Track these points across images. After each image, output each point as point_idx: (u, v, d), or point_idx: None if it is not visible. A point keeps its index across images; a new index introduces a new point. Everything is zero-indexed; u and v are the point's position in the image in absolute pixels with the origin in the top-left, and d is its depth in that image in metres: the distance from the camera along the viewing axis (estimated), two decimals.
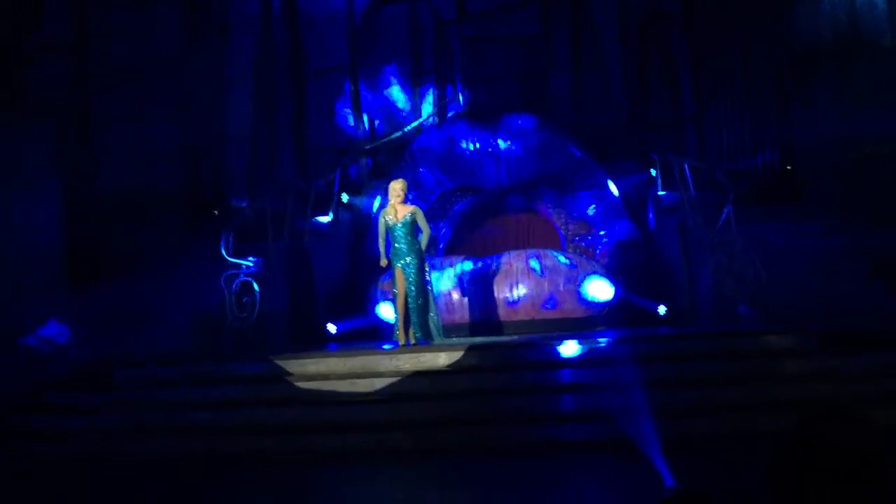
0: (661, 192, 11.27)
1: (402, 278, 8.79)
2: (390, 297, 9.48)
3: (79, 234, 10.80)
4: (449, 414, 7.17)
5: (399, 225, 8.80)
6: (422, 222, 8.89)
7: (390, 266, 8.96)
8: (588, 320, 10.41)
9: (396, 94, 13.67)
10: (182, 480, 6.42)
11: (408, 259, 8.76)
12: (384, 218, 8.94)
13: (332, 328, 10.82)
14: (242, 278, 9.63)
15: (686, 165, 10.36)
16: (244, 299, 9.67)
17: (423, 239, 8.92)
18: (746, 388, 7.08)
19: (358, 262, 11.94)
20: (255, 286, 9.57)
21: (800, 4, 11.07)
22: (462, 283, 10.36)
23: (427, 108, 13.52)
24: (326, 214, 11.72)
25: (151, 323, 9.90)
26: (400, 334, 8.80)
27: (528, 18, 13.56)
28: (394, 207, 8.90)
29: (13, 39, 11.55)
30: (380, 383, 7.59)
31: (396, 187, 8.95)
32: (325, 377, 7.84)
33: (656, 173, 11.42)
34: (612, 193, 11.78)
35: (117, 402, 8.15)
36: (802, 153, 11.34)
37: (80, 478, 6.69)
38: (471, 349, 7.93)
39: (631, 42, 13.26)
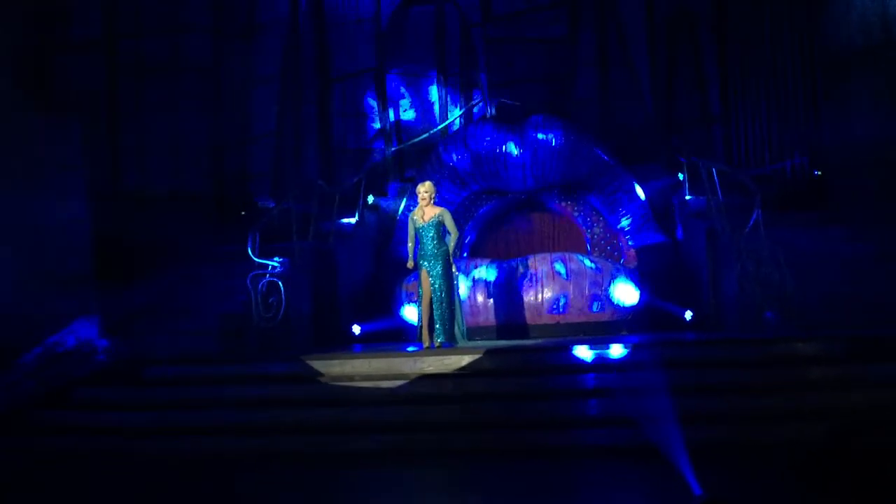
0: (687, 197, 11.21)
1: (428, 280, 8.81)
2: (415, 298, 9.51)
3: (106, 231, 10.90)
4: (472, 417, 7.16)
5: (426, 226, 8.83)
6: (449, 224, 8.90)
7: (417, 268, 8.99)
8: (613, 324, 10.38)
9: (422, 96, 13.70)
10: (206, 479, 6.47)
11: (434, 261, 8.78)
12: (412, 219, 8.99)
13: (356, 329, 10.87)
14: (268, 278, 9.69)
15: (714, 169, 10.29)
16: (270, 299, 9.73)
17: (451, 241, 8.93)
18: (772, 395, 7.00)
19: (383, 264, 11.98)
20: (281, 286, 9.63)
21: (832, 5, 10.96)
22: (487, 286, 10.35)
23: (453, 110, 13.54)
24: (352, 216, 11.78)
25: (178, 321, 10.00)
26: (424, 336, 8.82)
27: (554, 20, 13.53)
28: (422, 209, 8.94)
29: (42, 36, 11.68)
30: (404, 385, 7.61)
31: (423, 190, 8.98)
32: (349, 378, 7.87)
33: (683, 177, 11.36)
34: (638, 197, 11.72)
35: (145, 399, 8.23)
36: (832, 157, 11.24)
37: (106, 474, 6.75)
38: (495, 352, 7.93)
39: (658, 43, 13.19)
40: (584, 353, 7.77)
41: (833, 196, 10.90)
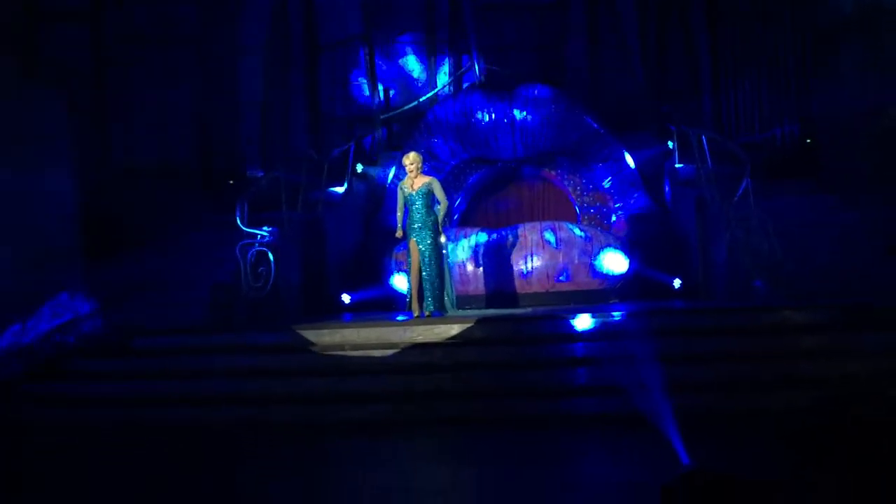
0: (677, 165, 11.20)
1: (417, 249, 8.79)
2: (404, 268, 9.49)
3: (94, 203, 10.81)
4: (463, 386, 7.18)
5: (415, 195, 8.78)
6: (439, 193, 8.86)
7: (405, 237, 8.97)
8: (602, 293, 10.41)
9: (411, 64, 13.58)
10: (196, 449, 6.48)
11: (423, 231, 8.75)
12: (402, 188, 8.93)
13: (346, 298, 10.87)
14: (257, 248, 9.65)
15: (703, 137, 10.27)
16: (259, 269, 9.69)
17: (440, 210, 8.90)
18: (761, 364, 7.04)
19: (372, 233, 11.96)
20: (270, 256, 9.60)
21: None
22: (476, 254, 10.35)
23: (442, 78, 13.44)
24: (341, 185, 11.73)
25: (168, 292, 9.97)
26: (414, 306, 8.82)
27: None
28: (411, 179, 8.88)
29: (27, 5, 11.51)
30: (394, 354, 7.62)
31: (408, 162, 8.91)
32: (339, 347, 7.87)
33: (673, 145, 11.34)
34: (628, 165, 11.70)
35: (135, 370, 8.23)
36: (822, 126, 11.22)
37: (96, 445, 6.76)
38: (484, 321, 7.94)
39: (649, 12, 13.11)
40: (573, 321, 7.79)
41: (823, 165, 10.90)
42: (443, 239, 9.07)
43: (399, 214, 9.06)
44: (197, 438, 6.77)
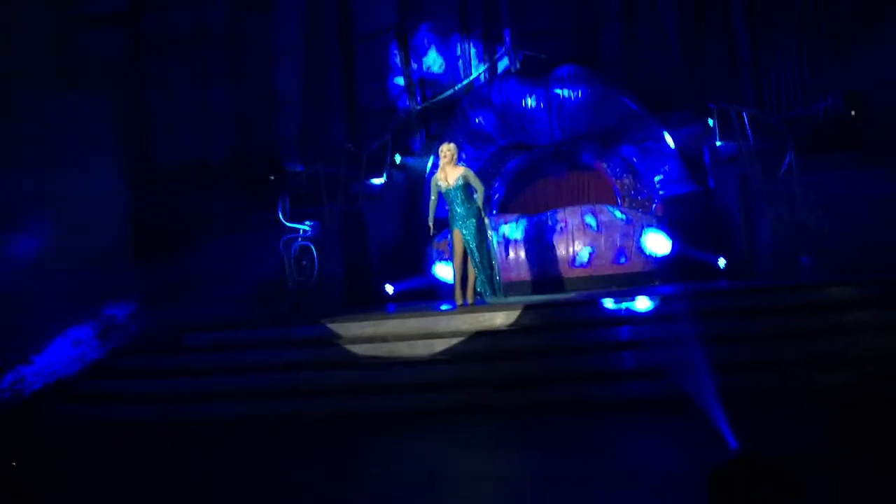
0: (718, 143, 11.06)
1: (460, 239, 8.79)
2: (446, 256, 9.54)
3: (140, 204, 11.01)
4: (508, 374, 7.22)
5: (453, 189, 8.76)
6: (474, 182, 8.85)
7: (448, 228, 8.97)
8: (646, 275, 10.36)
9: (446, 52, 13.57)
10: (248, 443, 6.61)
11: (466, 220, 8.72)
12: (436, 183, 8.91)
13: (389, 289, 10.95)
14: (300, 242, 9.78)
15: (745, 114, 10.13)
16: (303, 263, 9.83)
17: (479, 197, 8.87)
18: (809, 342, 6.97)
19: (412, 223, 12.01)
20: (313, 249, 9.71)
21: None
22: (517, 241, 10.35)
23: (477, 65, 13.41)
24: (380, 176, 11.80)
25: (214, 289, 10.13)
26: (457, 294, 8.86)
27: None
28: (444, 171, 8.85)
29: (67, 9, 11.71)
30: (439, 344, 7.67)
31: (445, 149, 8.90)
32: (383, 339, 7.95)
33: (713, 123, 11.19)
34: (667, 145, 11.60)
35: (186, 366, 8.40)
36: (865, 98, 10.99)
37: (149, 441, 6.93)
38: (528, 308, 7.96)
39: None
40: (616, 305, 7.78)
41: (866, 138, 10.68)
42: (487, 222, 9.03)
43: (431, 207, 9.01)
44: (246, 433, 6.90)
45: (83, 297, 9.70)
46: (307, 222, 9.84)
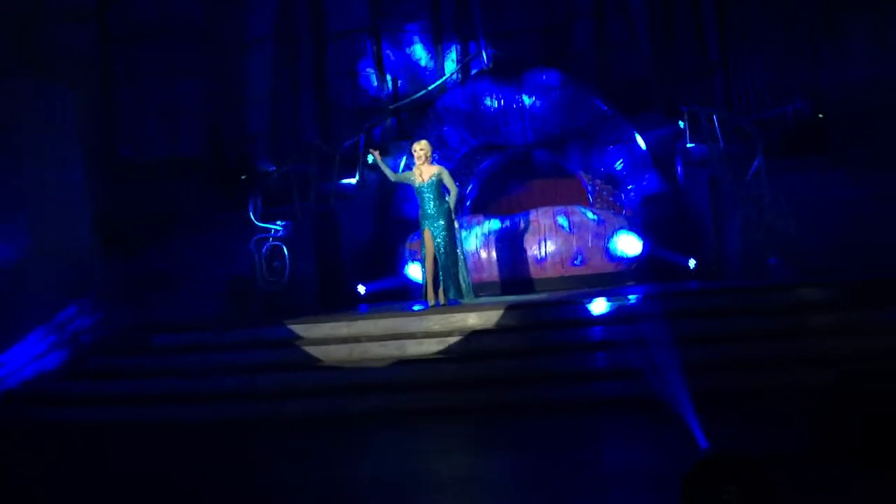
0: (689, 145, 11.14)
1: (431, 239, 8.80)
2: (418, 257, 9.52)
3: (108, 199, 10.88)
4: (479, 374, 7.23)
5: (426, 186, 8.78)
6: (448, 182, 8.87)
7: (419, 229, 8.98)
8: (617, 276, 10.41)
9: (419, 52, 13.55)
10: (217, 445, 6.56)
11: (436, 220, 8.75)
12: (409, 177, 8.93)
13: (361, 289, 10.91)
14: (271, 242, 9.71)
15: (714, 116, 10.21)
16: (274, 263, 9.77)
17: (451, 198, 8.89)
18: (778, 342, 7.06)
19: (385, 223, 11.97)
20: (285, 250, 9.65)
21: None
22: (489, 241, 10.36)
23: (450, 65, 13.40)
24: (352, 176, 11.74)
25: (184, 288, 10.06)
26: (429, 294, 8.85)
27: None
28: (419, 168, 8.87)
29: (32, 4, 11.54)
30: (411, 345, 7.67)
31: (419, 147, 8.91)
32: (356, 339, 7.93)
33: (684, 125, 11.27)
34: (639, 147, 11.66)
35: (156, 367, 8.32)
36: (833, 100, 11.13)
37: (118, 443, 6.84)
38: (500, 308, 7.96)
39: None
40: (589, 306, 7.82)
41: (834, 140, 10.82)
42: (456, 226, 9.08)
43: (388, 172, 8.99)
44: (216, 434, 6.85)
45: (48, 295, 9.57)
46: (279, 222, 9.78)
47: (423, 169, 8.83)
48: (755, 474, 3.32)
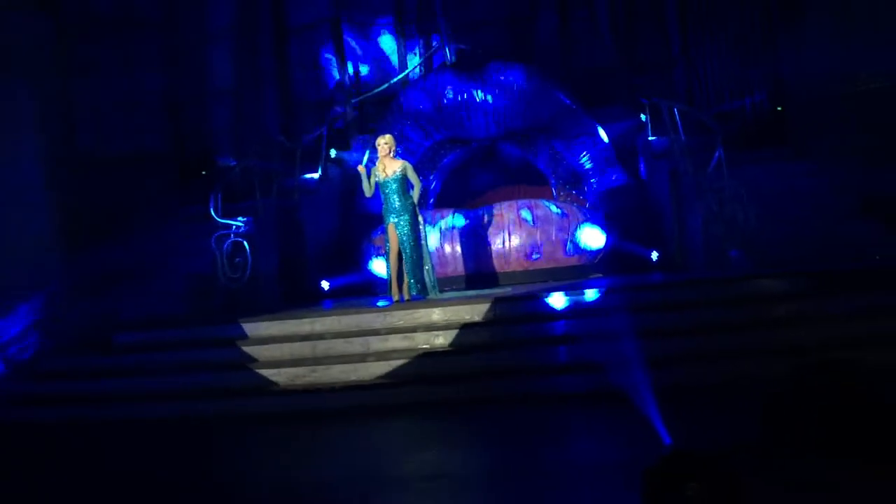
0: (651, 138, 11.21)
1: (395, 234, 8.77)
2: (382, 252, 9.48)
3: (66, 194, 10.68)
4: (444, 369, 7.22)
5: (390, 180, 8.75)
6: (412, 176, 8.84)
7: (383, 224, 8.93)
8: (581, 268, 10.46)
9: (382, 45, 13.46)
10: (179, 444, 6.48)
11: (400, 214, 8.73)
12: (374, 174, 8.90)
13: (325, 285, 10.84)
14: (233, 238, 9.60)
15: (675, 109, 10.28)
16: (236, 259, 9.65)
17: (415, 193, 8.88)
18: (740, 334, 7.13)
19: (349, 218, 11.91)
20: (246, 246, 9.55)
21: None
22: (453, 235, 10.34)
23: (413, 59, 13.35)
24: (315, 171, 11.66)
25: (144, 285, 9.92)
26: (394, 290, 8.82)
27: None
28: (382, 163, 8.84)
29: None
30: (375, 341, 7.64)
31: (382, 142, 8.87)
32: (320, 336, 7.88)
33: (646, 118, 11.34)
34: (602, 140, 11.71)
35: (115, 366, 8.20)
36: (791, 93, 11.28)
37: (80, 442, 6.74)
38: (464, 303, 7.96)
39: None
40: (552, 300, 7.83)
41: (793, 132, 10.97)
42: (420, 220, 9.06)
43: (365, 182, 8.90)
44: (178, 433, 6.77)
45: (5, 292, 9.39)
46: (240, 218, 9.67)
47: (387, 163, 8.80)
48: (718, 470, 3.34)
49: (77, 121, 11.76)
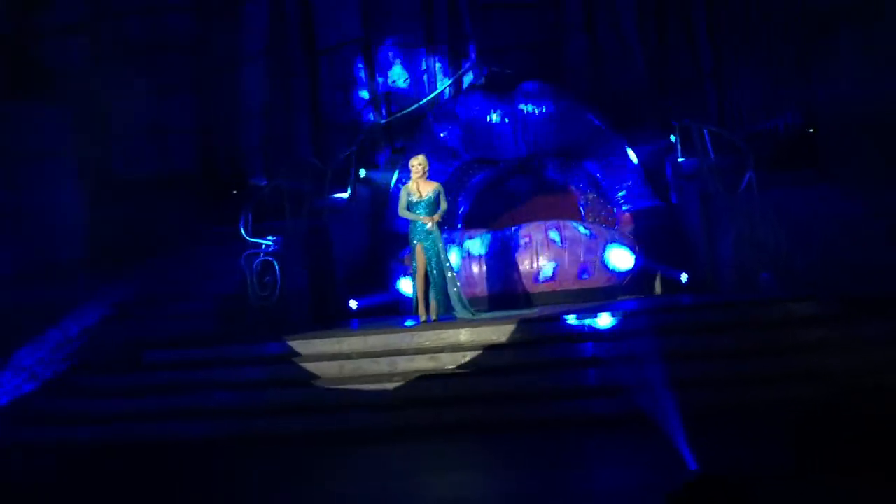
0: (680, 159, 11.16)
1: (423, 254, 8.78)
2: (410, 272, 9.49)
3: (98, 217, 10.86)
4: (470, 391, 7.20)
5: (422, 203, 8.76)
6: (442, 199, 8.88)
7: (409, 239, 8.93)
8: (609, 290, 10.40)
9: (411, 66, 13.55)
10: (208, 463, 6.52)
11: (429, 235, 8.73)
12: (407, 191, 8.87)
13: (353, 304, 10.88)
14: (263, 258, 9.68)
15: (705, 131, 10.24)
16: (265, 279, 9.72)
17: (439, 215, 8.86)
18: (769, 357, 7.05)
19: (377, 237, 11.96)
20: (276, 265, 9.62)
21: None
22: (481, 256, 10.34)
23: (442, 79, 13.42)
24: (344, 190, 11.73)
25: (175, 304, 9.99)
26: (421, 310, 8.82)
27: None
28: (416, 183, 8.84)
29: (25, 21, 11.54)
30: (402, 361, 7.64)
31: (416, 163, 8.88)
32: (347, 356, 7.89)
33: (675, 139, 11.30)
34: (631, 161, 11.68)
35: (145, 384, 8.26)
36: (823, 114, 11.17)
37: (108, 462, 6.80)
38: (492, 324, 7.95)
39: (647, 3, 13.02)
40: (580, 321, 7.79)
41: (825, 154, 10.85)
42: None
43: (404, 209, 8.83)
44: (207, 452, 6.81)
45: (38, 311, 9.53)
46: (270, 237, 9.74)
47: (421, 184, 8.82)
48: (744, 496, 3.30)
49: (110, 143, 11.97)
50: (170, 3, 12.64)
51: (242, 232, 9.67)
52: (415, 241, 8.82)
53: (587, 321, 7.77)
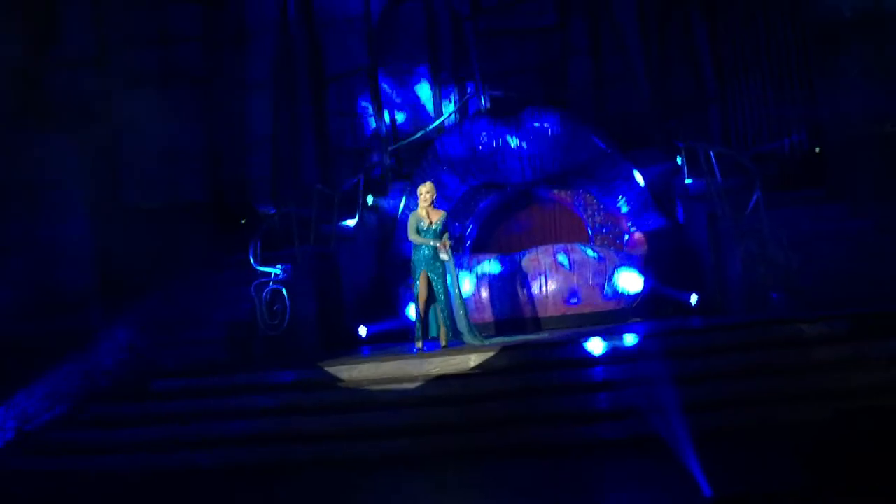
0: (687, 181, 11.17)
1: (426, 282, 8.79)
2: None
3: (108, 245, 10.91)
4: (480, 417, 7.17)
5: (430, 231, 8.78)
6: (446, 227, 8.91)
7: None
8: (619, 313, 10.38)
9: (417, 92, 13.65)
10: (218, 492, 6.50)
11: (435, 262, 8.74)
12: (416, 217, 8.86)
13: (362, 331, 10.88)
14: (272, 286, 9.71)
15: (711, 152, 10.25)
16: (275, 307, 9.75)
17: (447, 239, 8.85)
18: (780, 378, 7.00)
19: (386, 264, 11.98)
20: (285, 293, 9.65)
21: None
22: (490, 281, 10.34)
23: (448, 105, 13.49)
24: (352, 217, 11.77)
25: (184, 332, 10.03)
26: (419, 336, 8.81)
27: (542, 9, 13.41)
28: (425, 210, 8.86)
29: (33, 54, 11.66)
30: (412, 388, 7.62)
31: (425, 190, 8.91)
32: (357, 384, 7.89)
33: (682, 161, 11.31)
34: (637, 184, 11.69)
35: (154, 413, 8.27)
36: (829, 133, 11.17)
37: (116, 493, 6.78)
38: (501, 349, 7.93)
39: (650, 26, 13.08)
40: (590, 345, 7.77)
41: (832, 172, 10.85)
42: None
43: (414, 234, 8.80)
44: (217, 481, 6.79)
45: (50, 342, 9.56)
46: (279, 265, 9.79)
47: (430, 212, 8.85)
48: None
49: (121, 172, 12.05)
50: (179, 33, 12.77)
51: (251, 261, 9.71)
52: (420, 268, 8.81)
53: (598, 345, 7.75)
